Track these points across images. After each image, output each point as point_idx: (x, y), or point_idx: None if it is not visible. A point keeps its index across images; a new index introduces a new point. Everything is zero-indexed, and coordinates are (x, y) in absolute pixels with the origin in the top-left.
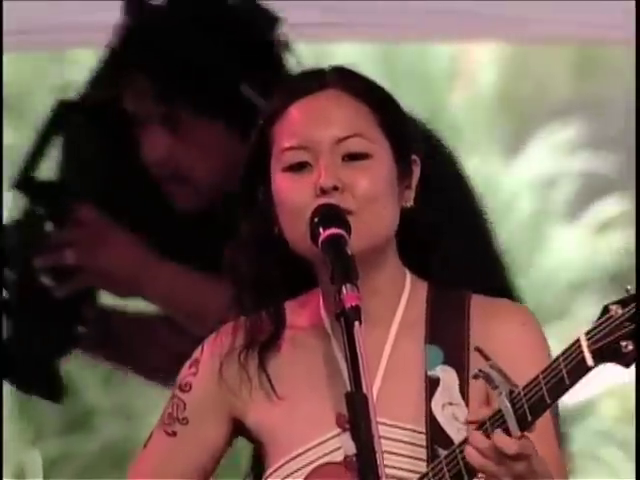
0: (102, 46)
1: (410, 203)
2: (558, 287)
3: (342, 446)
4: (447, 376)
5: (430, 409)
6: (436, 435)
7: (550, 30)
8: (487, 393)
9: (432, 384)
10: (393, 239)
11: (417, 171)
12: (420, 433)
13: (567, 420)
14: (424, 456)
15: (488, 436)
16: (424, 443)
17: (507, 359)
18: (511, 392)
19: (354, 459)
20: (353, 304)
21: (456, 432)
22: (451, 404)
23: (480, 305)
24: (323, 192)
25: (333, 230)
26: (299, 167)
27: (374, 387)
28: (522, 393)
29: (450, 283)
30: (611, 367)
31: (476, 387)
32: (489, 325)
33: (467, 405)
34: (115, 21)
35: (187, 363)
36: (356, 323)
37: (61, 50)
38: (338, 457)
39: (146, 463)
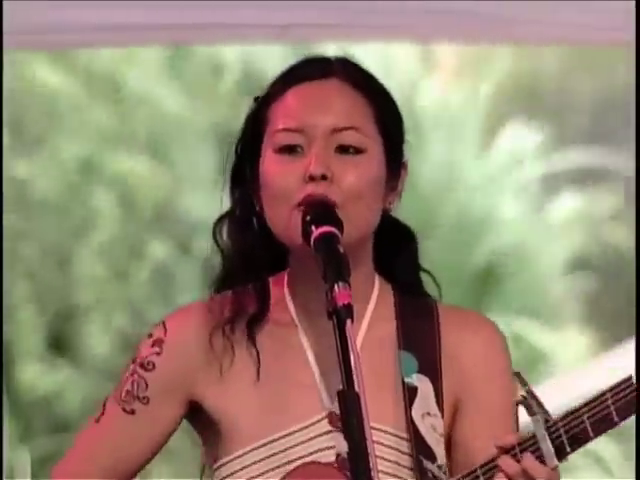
0: (102, 46)
1: (393, 205)
2: None
3: (335, 444)
4: (423, 386)
5: (412, 417)
6: (419, 444)
7: (544, 31)
8: (455, 405)
9: (410, 392)
10: (371, 238)
11: (405, 175)
12: (402, 439)
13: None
14: (408, 464)
15: (518, 461)
16: (407, 450)
17: (474, 372)
18: (546, 420)
19: (346, 457)
20: (345, 302)
21: (436, 444)
22: (429, 414)
23: (449, 315)
24: (311, 179)
25: (326, 228)
26: (290, 150)
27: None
28: (560, 424)
29: (411, 287)
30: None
31: (448, 399)
32: (460, 337)
33: (442, 417)
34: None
35: (148, 340)
36: (348, 321)
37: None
38: (324, 457)
39: (100, 437)
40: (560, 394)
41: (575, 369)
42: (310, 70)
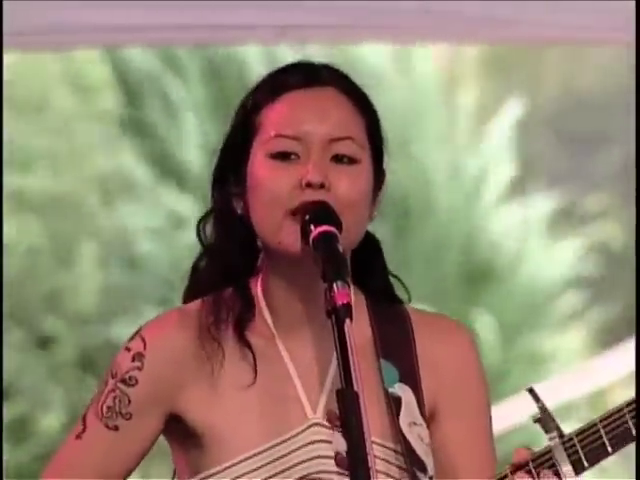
0: (103, 46)
1: (374, 215)
2: None
3: (333, 443)
4: (406, 395)
5: (400, 428)
6: (410, 455)
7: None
8: (432, 412)
9: (395, 402)
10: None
11: (384, 186)
12: (390, 450)
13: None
14: (397, 475)
15: (533, 477)
16: (395, 461)
17: (449, 377)
18: (561, 436)
19: (345, 456)
20: (344, 301)
21: (424, 454)
22: (415, 424)
23: (422, 322)
24: (309, 186)
25: (325, 227)
26: (285, 156)
27: (324, 390)
28: (575, 439)
29: (383, 293)
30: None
31: (427, 407)
32: (435, 345)
33: (428, 427)
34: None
35: (126, 354)
36: (347, 320)
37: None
38: (312, 468)
39: (83, 454)
40: (560, 393)
41: (574, 369)
42: (302, 76)
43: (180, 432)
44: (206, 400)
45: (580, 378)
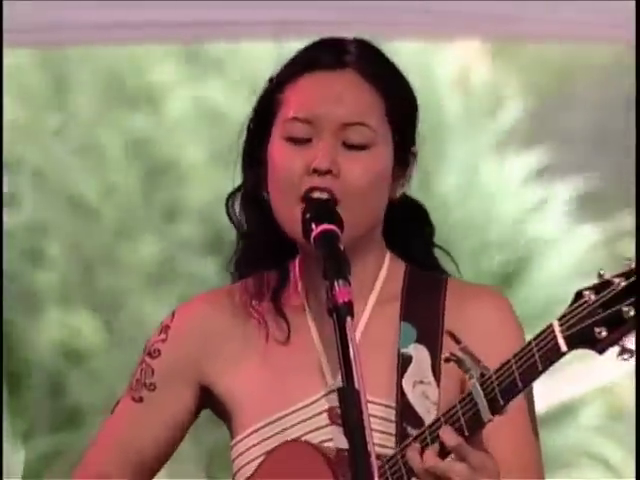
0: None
1: (400, 193)
2: None
3: (334, 440)
4: (419, 354)
5: (401, 386)
6: (405, 412)
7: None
8: (464, 380)
9: (404, 361)
10: (379, 223)
11: (414, 162)
12: (390, 408)
13: (561, 416)
14: (394, 431)
15: (457, 420)
16: (394, 418)
17: (481, 342)
18: (482, 375)
19: (346, 453)
20: (345, 300)
21: (426, 411)
22: (422, 382)
23: (457, 287)
24: (316, 172)
25: (325, 226)
26: (298, 140)
27: None
28: (494, 377)
29: (424, 264)
30: (601, 363)
31: (450, 368)
32: (464, 308)
33: (438, 385)
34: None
35: (158, 329)
36: (348, 318)
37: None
38: (319, 437)
39: (112, 429)
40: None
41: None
42: (325, 58)
43: (214, 404)
44: (230, 371)
45: (583, 375)
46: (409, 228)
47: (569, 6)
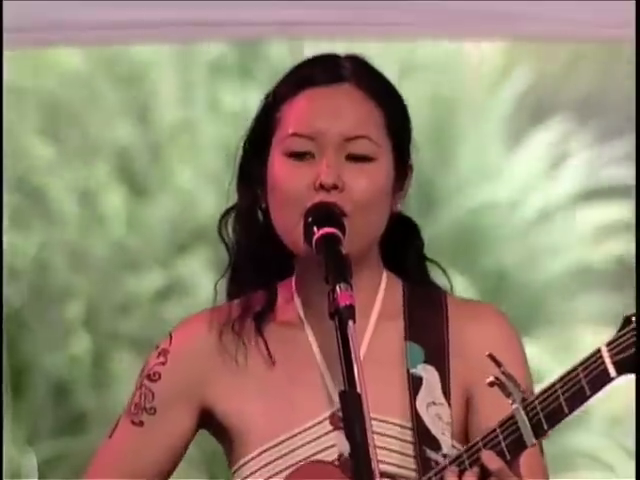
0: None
1: (400, 206)
2: None
3: (336, 444)
4: (429, 376)
5: (415, 407)
6: (423, 434)
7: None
8: (467, 396)
9: (415, 382)
10: (378, 238)
11: (411, 175)
12: (406, 429)
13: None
14: (412, 452)
15: (498, 444)
16: (410, 439)
17: (486, 362)
18: (523, 400)
19: (348, 458)
20: (347, 303)
21: (440, 433)
22: (434, 404)
23: (458, 306)
24: (322, 188)
25: (327, 229)
26: (300, 156)
27: None
28: (537, 402)
29: (418, 278)
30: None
31: (457, 388)
32: (467, 328)
33: (449, 405)
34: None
35: (155, 352)
36: (350, 322)
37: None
38: (329, 456)
39: (112, 452)
40: None
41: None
42: (322, 73)
43: (215, 428)
44: (230, 394)
45: None
46: (401, 243)
47: (569, 6)
